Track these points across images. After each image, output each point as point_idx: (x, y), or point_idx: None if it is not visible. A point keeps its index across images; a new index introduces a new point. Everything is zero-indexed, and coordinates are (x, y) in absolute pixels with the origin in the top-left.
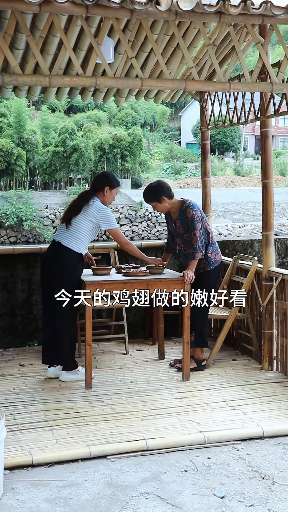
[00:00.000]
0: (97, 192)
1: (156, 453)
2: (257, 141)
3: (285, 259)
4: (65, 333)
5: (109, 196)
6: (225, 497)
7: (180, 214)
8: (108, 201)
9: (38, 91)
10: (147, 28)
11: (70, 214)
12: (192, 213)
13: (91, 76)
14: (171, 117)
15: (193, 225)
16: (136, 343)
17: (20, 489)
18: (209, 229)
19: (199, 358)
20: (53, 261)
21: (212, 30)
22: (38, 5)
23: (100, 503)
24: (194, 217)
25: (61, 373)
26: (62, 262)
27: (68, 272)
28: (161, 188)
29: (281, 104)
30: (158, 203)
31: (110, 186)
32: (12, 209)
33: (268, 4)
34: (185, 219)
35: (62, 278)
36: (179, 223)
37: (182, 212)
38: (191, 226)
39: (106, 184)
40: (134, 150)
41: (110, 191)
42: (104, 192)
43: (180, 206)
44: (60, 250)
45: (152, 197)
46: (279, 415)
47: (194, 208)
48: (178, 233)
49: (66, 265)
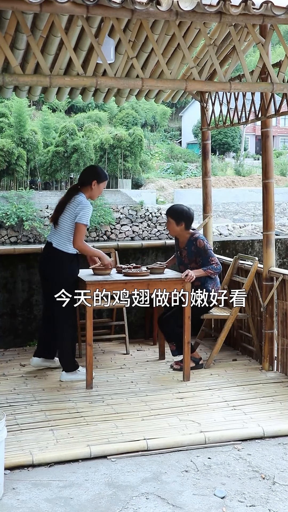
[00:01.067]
0: (84, 187)
1: (156, 453)
2: (257, 141)
3: (285, 259)
4: (65, 334)
5: (96, 191)
6: (225, 497)
7: (188, 244)
8: (95, 196)
9: (38, 91)
10: (147, 28)
11: (56, 213)
12: (203, 244)
13: (92, 76)
14: (172, 117)
15: (208, 253)
16: (136, 343)
17: (20, 489)
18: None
19: (195, 357)
20: (47, 263)
21: (213, 30)
22: (38, 5)
23: (100, 503)
24: (206, 247)
25: (61, 374)
26: (56, 264)
27: (63, 274)
28: (187, 216)
29: (281, 104)
30: (175, 224)
31: (97, 180)
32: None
33: (268, 4)
34: (195, 250)
35: (58, 280)
36: (186, 253)
37: (191, 243)
38: (205, 255)
39: (94, 178)
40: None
41: (97, 185)
42: (92, 186)
43: (189, 237)
44: (51, 251)
45: (175, 215)
46: (279, 415)
47: (203, 238)
48: (182, 261)
49: (59, 267)
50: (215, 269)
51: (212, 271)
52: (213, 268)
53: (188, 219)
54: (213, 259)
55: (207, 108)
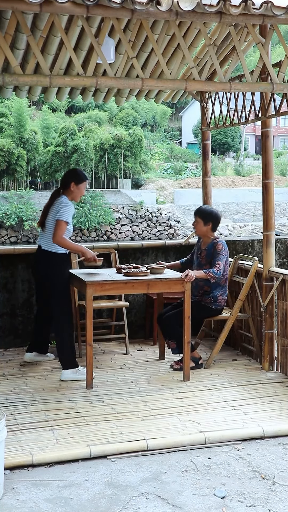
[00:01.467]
0: (66, 189)
1: (156, 453)
2: (257, 141)
3: (285, 259)
4: (64, 333)
5: (76, 192)
6: (225, 497)
7: (209, 246)
8: (77, 197)
9: (38, 91)
10: (147, 28)
11: (43, 217)
12: (221, 248)
13: (92, 76)
14: (172, 117)
15: (219, 257)
16: (136, 343)
17: (20, 489)
18: (226, 274)
19: (195, 357)
20: (40, 266)
21: (213, 30)
22: (38, 5)
23: (100, 503)
24: (222, 251)
25: (61, 372)
26: (46, 267)
27: (56, 275)
28: (215, 217)
29: (281, 104)
30: (202, 224)
31: (75, 182)
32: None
33: (268, 4)
34: (213, 252)
35: (53, 281)
36: (205, 253)
37: (212, 245)
38: (216, 257)
39: (72, 180)
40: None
41: (76, 186)
42: (71, 188)
43: (212, 240)
44: (42, 254)
45: (203, 215)
46: (279, 415)
47: (224, 246)
48: (199, 262)
49: (52, 268)
50: (215, 273)
51: (212, 274)
52: (213, 271)
53: (216, 220)
54: (219, 263)
55: (207, 108)
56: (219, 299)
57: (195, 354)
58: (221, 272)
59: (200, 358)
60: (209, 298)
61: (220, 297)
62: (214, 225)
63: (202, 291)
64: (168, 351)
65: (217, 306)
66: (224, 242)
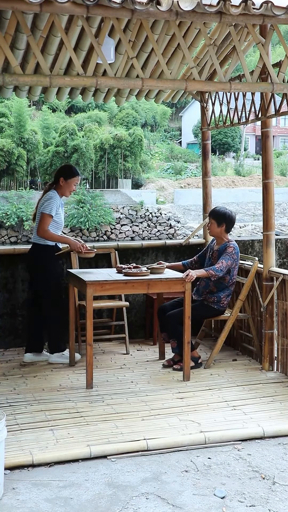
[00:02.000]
0: (56, 185)
1: (156, 453)
2: (257, 141)
3: (285, 259)
4: (52, 320)
5: (65, 187)
6: (225, 497)
7: (222, 247)
8: (66, 192)
9: (38, 91)
10: (147, 28)
11: (35, 211)
12: (231, 250)
13: (92, 76)
14: (172, 117)
15: (226, 257)
16: (136, 343)
17: (20, 489)
18: (234, 278)
19: (194, 356)
20: (30, 258)
21: (213, 30)
22: (38, 5)
23: (100, 503)
24: (231, 253)
25: (49, 356)
26: (37, 258)
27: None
28: (229, 218)
29: (281, 104)
30: (216, 226)
31: (64, 177)
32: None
33: (268, 4)
34: (223, 253)
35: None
36: (217, 254)
37: (224, 246)
38: (223, 257)
39: (60, 175)
40: (134, 150)
41: (65, 182)
42: (60, 183)
43: (226, 242)
44: (32, 247)
45: (217, 217)
46: (279, 415)
47: (236, 249)
48: (211, 262)
49: (39, 260)
50: (216, 270)
51: (213, 272)
52: (214, 269)
53: (230, 221)
54: (223, 262)
55: (207, 108)
56: (222, 300)
57: (194, 354)
58: (223, 270)
59: (199, 358)
60: (212, 297)
61: (223, 299)
62: (228, 226)
63: (207, 290)
64: (168, 351)
65: (219, 307)
66: (237, 245)
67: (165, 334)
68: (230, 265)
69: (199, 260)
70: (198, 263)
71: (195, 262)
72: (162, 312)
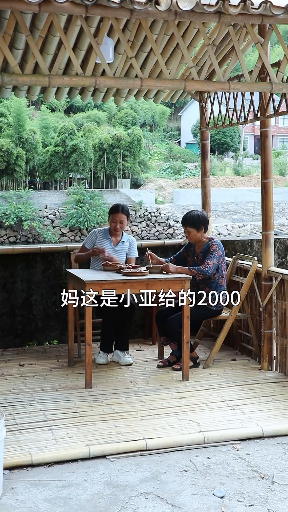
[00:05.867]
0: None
1: (155, 453)
2: (256, 141)
3: (284, 259)
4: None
5: (109, 223)
6: (224, 497)
7: (205, 248)
8: (111, 227)
9: (37, 91)
10: (146, 28)
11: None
12: (215, 248)
13: (91, 76)
14: (171, 117)
15: (211, 256)
16: (135, 343)
17: (19, 489)
18: (224, 273)
19: (193, 356)
20: None
21: (212, 30)
22: (37, 5)
23: (99, 503)
24: (215, 251)
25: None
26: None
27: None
28: (204, 219)
29: (280, 104)
30: (196, 232)
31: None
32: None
33: (267, 4)
34: (207, 251)
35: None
36: (201, 256)
37: (207, 245)
38: (208, 257)
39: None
40: (133, 150)
41: (109, 219)
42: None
43: (207, 242)
44: None
45: (193, 223)
46: (278, 415)
47: (219, 246)
48: (198, 266)
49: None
50: (200, 270)
51: (196, 271)
52: (199, 269)
53: (206, 221)
54: (208, 262)
55: (206, 108)
56: (218, 300)
57: (193, 354)
58: (210, 270)
59: (197, 358)
60: (207, 298)
61: (219, 298)
62: (206, 226)
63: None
64: (167, 351)
65: (216, 307)
66: (219, 242)
67: (163, 338)
68: (217, 263)
69: (176, 262)
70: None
71: (173, 263)
72: (161, 317)
